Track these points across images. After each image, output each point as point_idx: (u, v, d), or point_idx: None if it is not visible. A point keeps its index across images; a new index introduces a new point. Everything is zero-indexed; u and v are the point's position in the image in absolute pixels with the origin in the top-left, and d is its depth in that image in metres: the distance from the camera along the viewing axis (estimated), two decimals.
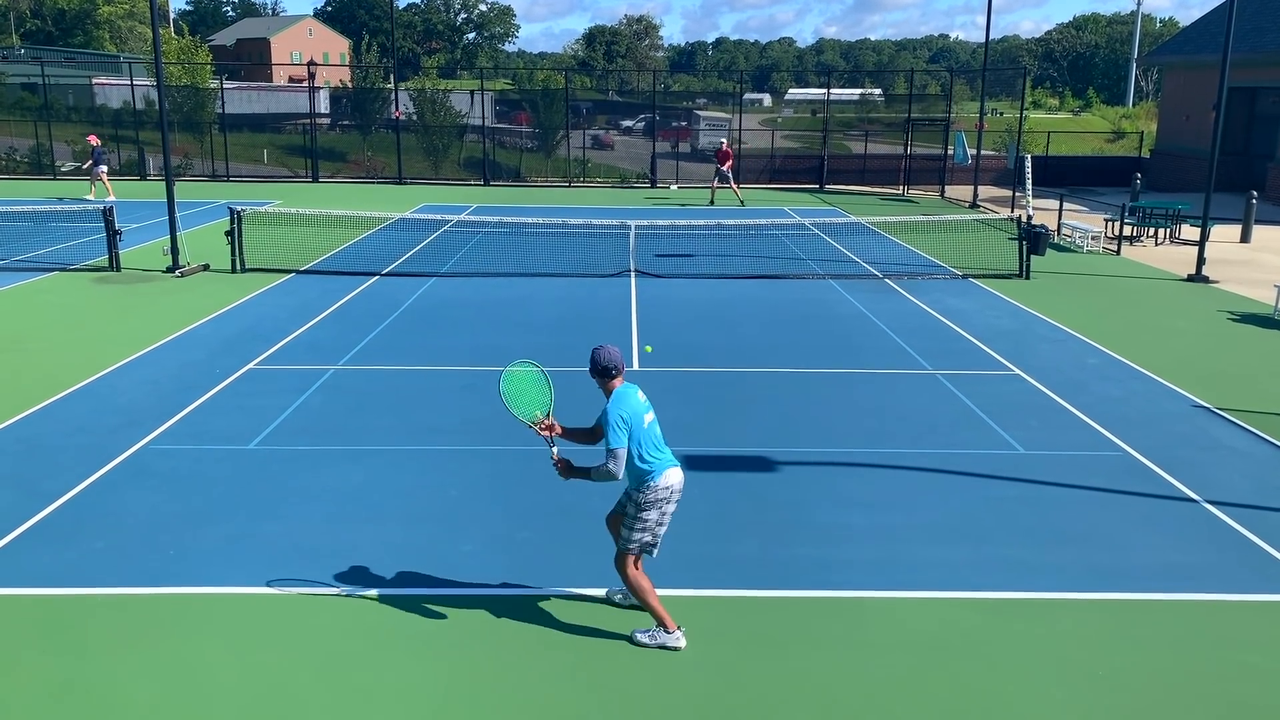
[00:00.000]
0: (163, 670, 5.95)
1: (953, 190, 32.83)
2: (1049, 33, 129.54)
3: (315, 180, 35.26)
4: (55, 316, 14.69)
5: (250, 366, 12.15)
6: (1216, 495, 8.63)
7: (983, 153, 31.27)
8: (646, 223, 19.95)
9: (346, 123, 41.42)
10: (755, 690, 5.84)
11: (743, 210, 27.99)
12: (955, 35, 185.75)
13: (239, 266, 18.03)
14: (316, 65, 38.04)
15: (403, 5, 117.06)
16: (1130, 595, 6.95)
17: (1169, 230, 23.29)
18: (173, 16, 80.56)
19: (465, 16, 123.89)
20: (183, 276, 17.67)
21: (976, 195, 30.01)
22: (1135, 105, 78.40)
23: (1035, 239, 19.00)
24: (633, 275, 18.00)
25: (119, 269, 17.97)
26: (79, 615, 6.55)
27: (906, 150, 35.14)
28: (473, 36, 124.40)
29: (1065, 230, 23.37)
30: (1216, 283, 18.21)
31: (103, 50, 74.97)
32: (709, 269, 18.63)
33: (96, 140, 28.68)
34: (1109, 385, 11.83)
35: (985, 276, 18.37)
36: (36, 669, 5.97)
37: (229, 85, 41.72)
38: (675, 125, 43.26)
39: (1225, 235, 22.72)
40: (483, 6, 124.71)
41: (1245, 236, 23.10)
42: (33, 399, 10.75)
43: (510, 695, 5.77)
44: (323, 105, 42.47)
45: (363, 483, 8.69)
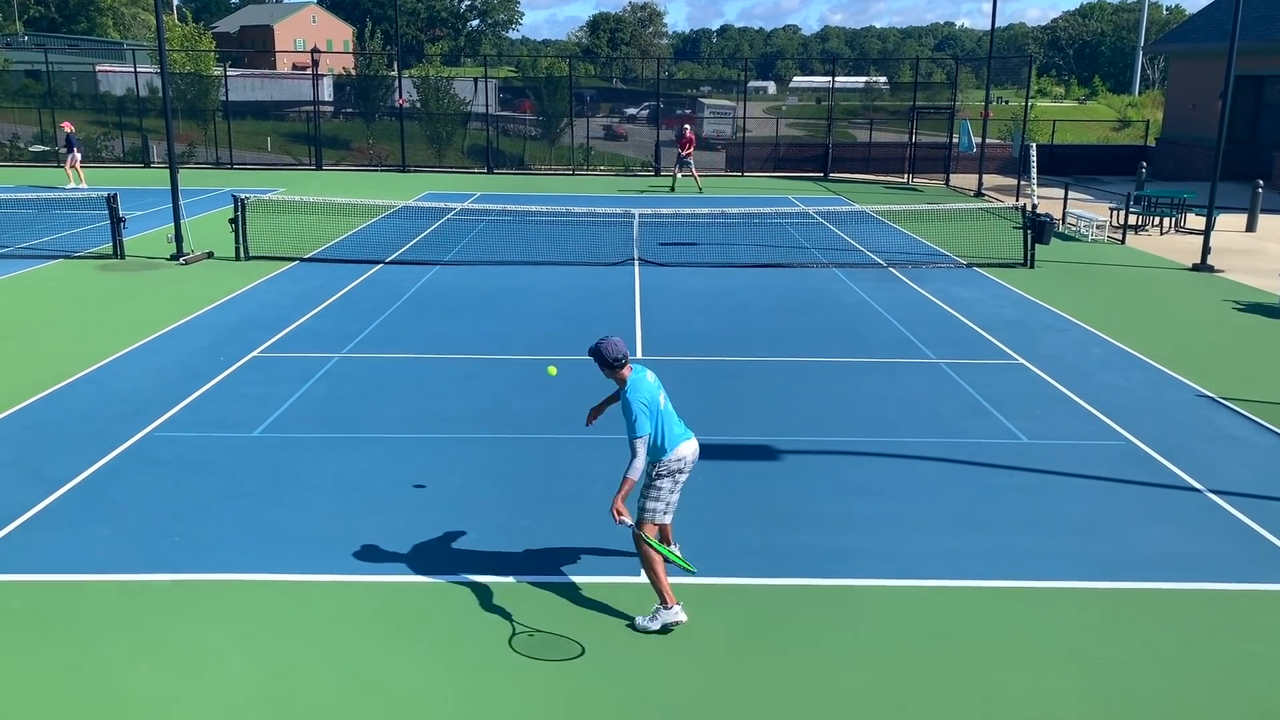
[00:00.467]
0: (167, 656, 5.98)
1: (957, 179, 32.74)
2: (1055, 20, 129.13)
3: (319, 168, 35.25)
4: (60, 304, 14.72)
5: (254, 354, 12.17)
6: (1220, 485, 8.63)
7: (988, 141, 31.16)
8: (650, 211, 19.93)
9: (350, 110, 41.36)
10: (758, 678, 5.86)
11: (747, 198, 27.94)
12: (961, 23, 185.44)
13: (243, 254, 18.04)
14: (320, 52, 37.93)
15: None
16: (1133, 584, 6.95)
17: (1174, 219, 23.22)
18: (176, 3, 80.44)
19: (469, 3, 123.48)
20: (187, 264, 17.68)
21: (981, 184, 29.94)
22: (1141, 93, 78.07)
23: (1040, 228, 18.94)
24: (636, 264, 17.98)
25: (123, 256, 17.98)
26: (84, 601, 6.58)
27: (911, 138, 35.07)
28: (476, 23, 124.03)
29: (1070, 219, 23.31)
30: (1221, 272, 18.16)
31: (106, 37, 74.93)
32: (713, 258, 18.61)
33: (70, 127, 28.57)
34: (1113, 374, 11.81)
35: (990, 265, 18.34)
36: (42, 655, 6.00)
37: (232, 72, 41.66)
38: (679, 113, 43.14)
39: (1231, 224, 22.64)
40: None
41: (1251, 226, 23.02)
42: (38, 386, 10.78)
43: (514, 682, 5.79)
44: (326, 93, 42.41)
45: (366, 470, 8.71)
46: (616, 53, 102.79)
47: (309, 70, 38.83)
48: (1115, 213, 23.00)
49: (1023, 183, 25.81)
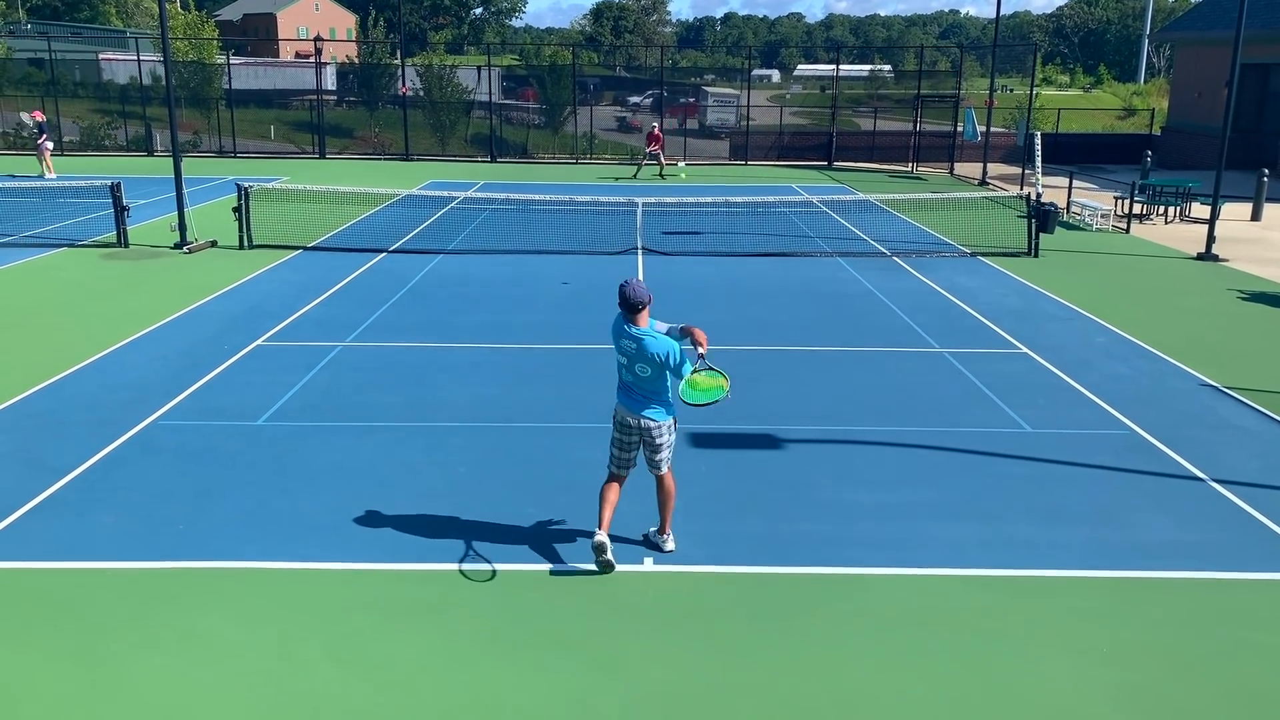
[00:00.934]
0: (172, 644, 6.00)
1: (962, 167, 32.67)
2: (1060, 8, 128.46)
3: (322, 156, 35.24)
4: (64, 292, 14.73)
5: (258, 343, 12.19)
6: (1223, 474, 8.63)
7: (992, 130, 31.09)
8: (654, 200, 19.90)
9: (353, 98, 41.30)
10: (762, 666, 5.87)
11: (751, 187, 27.89)
12: (966, 11, 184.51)
13: (246, 243, 18.05)
14: (323, 40, 37.89)
15: None
16: (1136, 573, 6.96)
17: (1179, 208, 23.17)
18: None
19: None
20: (190, 253, 17.69)
21: (986, 172, 29.88)
22: (1147, 82, 77.76)
23: (1044, 217, 18.91)
24: (640, 253, 17.97)
25: (127, 245, 18.00)
26: (89, 589, 6.61)
27: (916, 127, 34.97)
28: (480, 12, 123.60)
29: (1075, 208, 23.26)
30: (1226, 261, 18.12)
31: (109, 25, 74.80)
32: (716, 247, 18.59)
33: (41, 115, 28.50)
34: (1117, 364, 11.80)
35: (994, 254, 18.31)
36: (47, 642, 6.02)
37: (235, 61, 41.59)
38: (683, 102, 43.04)
39: (1236, 213, 22.59)
40: None
41: (1256, 215, 22.97)
42: (42, 374, 10.80)
43: (517, 669, 5.81)
44: (329, 81, 42.33)
45: (370, 458, 8.73)
46: (620, 41, 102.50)
47: (312, 58, 38.76)
48: (1120, 201, 22.95)
49: (1027, 171, 25.76)
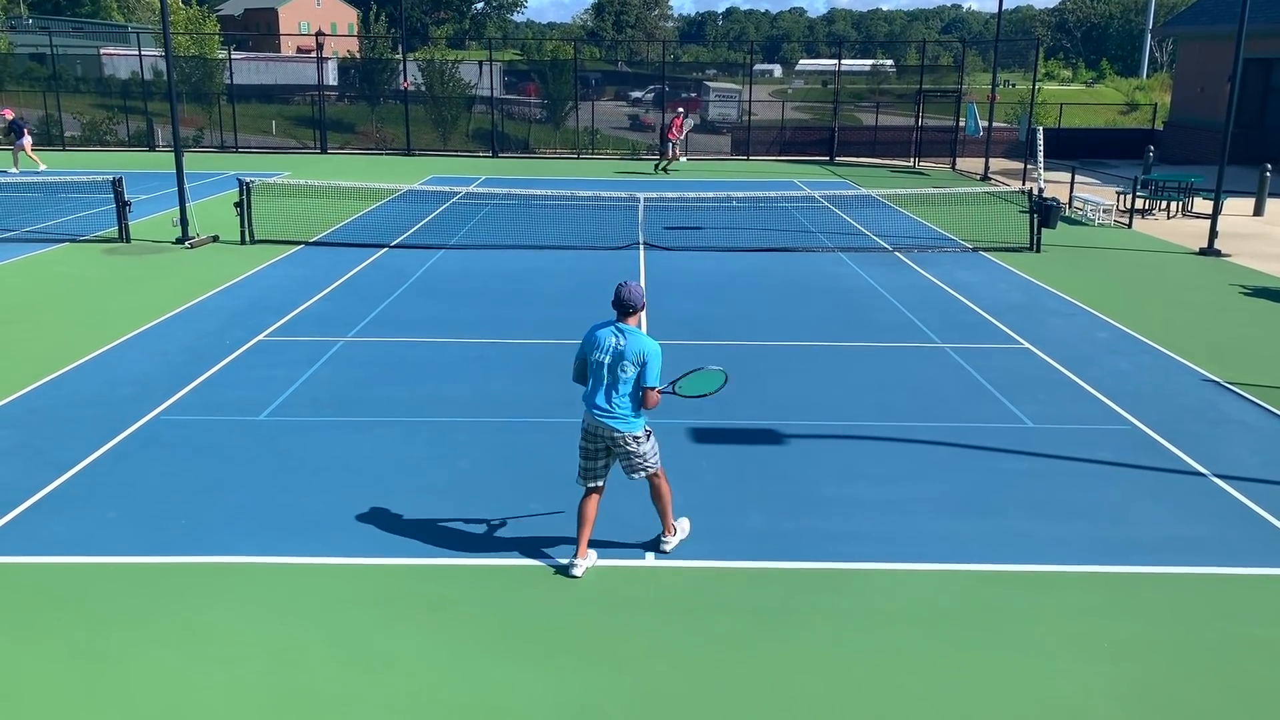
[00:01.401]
0: (174, 638, 6.01)
1: (964, 162, 32.63)
2: (1063, 3, 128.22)
3: (324, 151, 35.22)
4: (66, 288, 14.74)
5: (260, 338, 12.19)
6: (1225, 469, 8.63)
7: (994, 125, 31.05)
8: (655, 195, 19.90)
9: (354, 94, 41.27)
10: (763, 661, 5.88)
11: (753, 182, 27.88)
12: (968, 5, 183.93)
13: (248, 238, 18.05)
14: (325, 35, 37.84)
15: None
16: (1137, 568, 6.96)
17: (1181, 203, 23.14)
18: None
19: None
20: (192, 248, 17.70)
21: (988, 168, 29.83)
22: (1149, 77, 77.60)
23: (1046, 212, 18.90)
24: (641, 248, 17.96)
25: (129, 240, 18.00)
26: (91, 584, 6.62)
27: (917, 122, 34.91)
28: (481, 6, 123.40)
29: (1077, 203, 23.23)
30: (1229, 256, 18.10)
31: (110, 20, 74.77)
32: (718, 241, 18.59)
33: (11, 113, 28.44)
34: (1118, 359, 11.80)
35: (996, 250, 18.29)
36: (49, 637, 6.03)
37: (237, 56, 41.56)
38: (685, 96, 43.00)
39: (1238, 208, 22.56)
40: None
41: (1259, 210, 22.94)
42: (44, 370, 10.81)
43: (520, 664, 5.82)
44: (331, 76, 42.31)
45: (372, 454, 8.74)
46: (621, 36, 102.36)
47: (314, 53, 38.73)
48: (1122, 197, 22.92)
49: (1029, 166, 25.72)
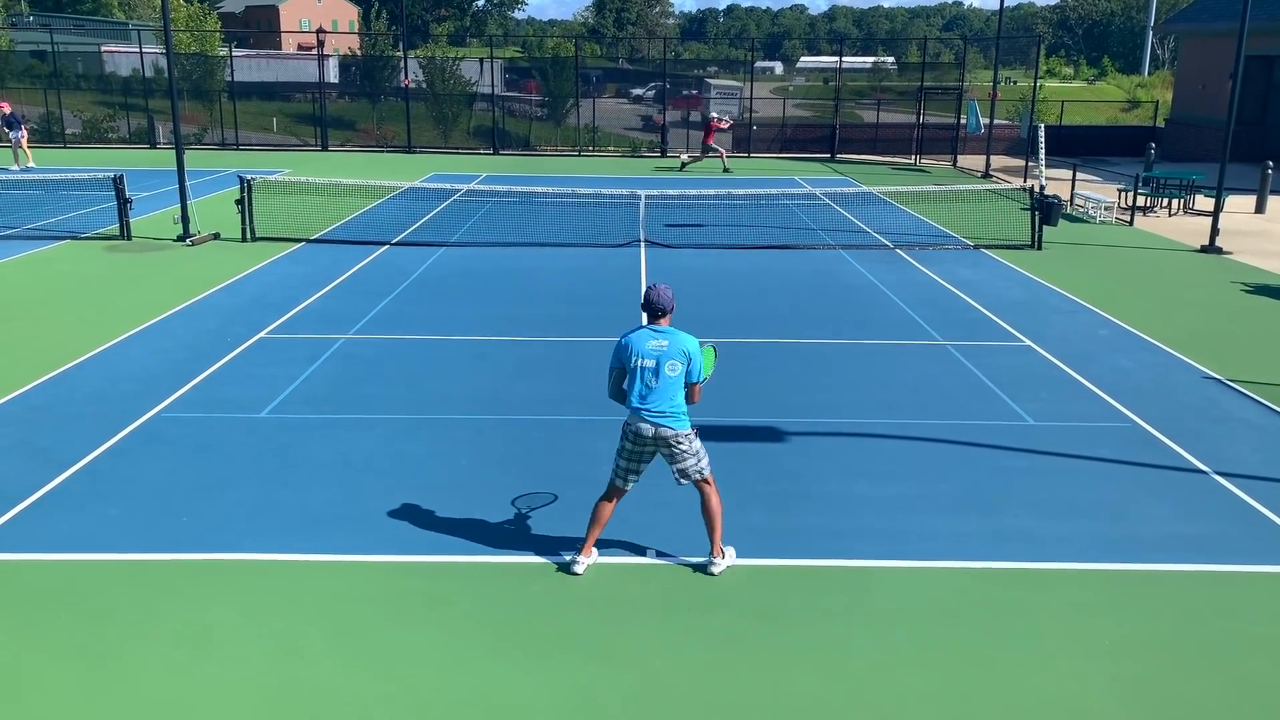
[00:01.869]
0: (175, 636, 6.02)
1: (965, 160, 32.59)
2: (1064, 0, 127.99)
3: (325, 149, 35.20)
4: (67, 285, 14.75)
5: (261, 335, 12.20)
6: (1226, 467, 8.62)
7: (996, 122, 31.02)
8: (657, 192, 19.89)
9: (355, 91, 41.25)
10: (764, 659, 5.88)
11: (754, 180, 27.86)
12: (969, 2, 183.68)
13: (249, 235, 18.05)
14: (325, 33, 37.83)
15: None
16: (1138, 566, 6.96)
17: (1183, 201, 23.11)
18: None
19: None
20: (193, 245, 17.70)
21: (989, 165, 29.80)
22: (1151, 74, 77.49)
23: (1048, 209, 18.88)
24: (643, 245, 17.96)
25: (130, 238, 18.00)
26: (93, 581, 6.62)
27: (919, 119, 34.87)
28: (482, 3, 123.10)
29: (1078, 200, 23.22)
30: (1230, 254, 18.08)
31: (111, 17, 74.68)
32: (719, 239, 18.58)
33: (8, 107, 28.39)
34: (1120, 356, 11.79)
35: (997, 247, 18.28)
36: (51, 634, 6.04)
37: (238, 53, 41.53)
38: (686, 94, 42.96)
39: (1240, 206, 22.54)
40: None
41: (1260, 207, 22.92)
42: (45, 367, 10.82)
43: (520, 661, 5.83)
44: (332, 73, 42.28)
45: (373, 451, 8.74)
46: (623, 33, 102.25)
47: (314, 51, 38.71)
48: (1124, 194, 22.89)
49: (1031, 164, 25.69)
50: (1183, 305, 14.44)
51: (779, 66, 76.31)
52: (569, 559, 6.81)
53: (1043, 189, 19.80)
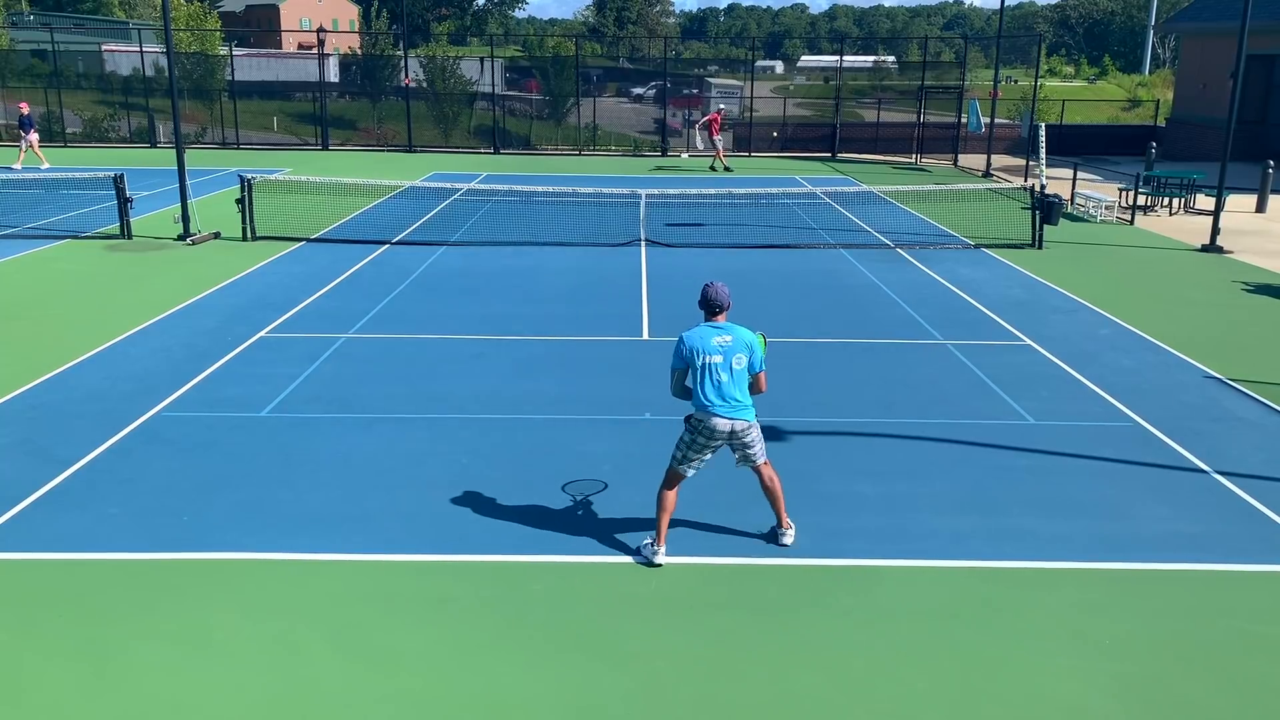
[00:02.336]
0: (176, 635, 6.02)
1: (966, 159, 32.59)
2: None
3: (325, 148, 35.20)
4: (67, 284, 14.75)
5: (262, 334, 12.20)
6: (1227, 466, 8.62)
7: (996, 121, 30.99)
8: (657, 191, 19.88)
9: (356, 90, 41.23)
10: (764, 658, 5.88)
11: (754, 179, 27.86)
12: (970, 1, 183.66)
13: (249, 234, 18.05)
14: (326, 32, 37.83)
15: None
16: (1138, 565, 6.96)
17: (1183, 200, 23.10)
18: None
19: None
20: (194, 244, 17.70)
21: (990, 164, 29.78)
22: (1152, 73, 77.49)
23: (1049, 208, 18.87)
24: (643, 244, 17.95)
25: (130, 237, 18.01)
26: (93, 580, 6.62)
27: (919, 118, 34.86)
28: (483, 3, 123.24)
29: (1079, 200, 23.20)
30: (1231, 253, 18.07)
31: (112, 16, 74.69)
32: (720, 238, 18.57)
33: (26, 107, 28.51)
34: (1120, 356, 11.79)
35: (998, 246, 18.27)
36: (51, 633, 6.04)
37: (238, 52, 41.53)
38: (686, 93, 42.93)
39: (1240, 205, 22.52)
40: None
41: (1261, 206, 22.90)
42: (46, 366, 10.82)
43: (521, 660, 5.82)
44: (332, 73, 42.28)
45: (374, 450, 8.74)
46: (623, 32, 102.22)
47: (315, 50, 38.71)
48: (1124, 193, 22.88)
49: (1031, 163, 25.67)
50: (1183, 304, 14.43)
51: (780, 66, 76.28)
52: (648, 550, 6.87)
53: (1043, 188, 19.79)
